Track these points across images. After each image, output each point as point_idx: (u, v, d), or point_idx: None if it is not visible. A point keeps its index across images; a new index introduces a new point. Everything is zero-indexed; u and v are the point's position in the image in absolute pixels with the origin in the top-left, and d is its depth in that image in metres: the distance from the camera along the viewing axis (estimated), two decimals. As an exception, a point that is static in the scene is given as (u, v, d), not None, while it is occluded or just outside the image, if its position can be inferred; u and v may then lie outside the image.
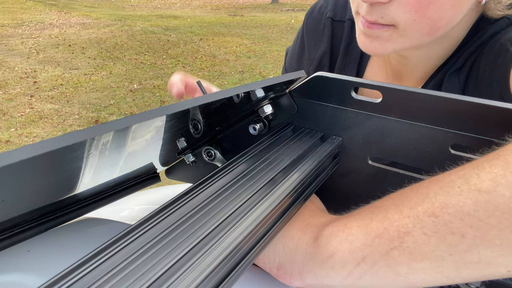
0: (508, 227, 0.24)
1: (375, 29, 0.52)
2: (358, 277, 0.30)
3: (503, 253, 0.24)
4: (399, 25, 0.50)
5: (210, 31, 7.73)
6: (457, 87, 0.59)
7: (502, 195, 0.24)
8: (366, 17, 0.52)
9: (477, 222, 0.25)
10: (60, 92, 4.33)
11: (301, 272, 0.33)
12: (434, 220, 0.26)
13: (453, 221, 0.25)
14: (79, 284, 0.22)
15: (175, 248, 0.25)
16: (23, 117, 3.64)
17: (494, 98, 0.53)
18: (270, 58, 5.77)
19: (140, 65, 5.37)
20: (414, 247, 0.27)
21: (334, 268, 0.31)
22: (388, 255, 0.28)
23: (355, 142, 0.42)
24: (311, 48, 0.79)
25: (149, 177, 0.52)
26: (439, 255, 0.26)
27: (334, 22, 0.75)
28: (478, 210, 0.25)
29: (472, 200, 0.25)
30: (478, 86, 0.57)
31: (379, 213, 0.30)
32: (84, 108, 3.92)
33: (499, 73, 0.52)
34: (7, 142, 3.16)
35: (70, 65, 5.31)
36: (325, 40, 0.75)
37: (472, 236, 0.25)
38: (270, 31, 7.92)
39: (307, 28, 0.79)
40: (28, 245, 0.37)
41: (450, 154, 0.36)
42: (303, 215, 0.37)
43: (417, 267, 0.27)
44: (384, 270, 0.28)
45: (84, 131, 0.20)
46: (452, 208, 0.26)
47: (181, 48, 6.33)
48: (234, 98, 0.42)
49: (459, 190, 0.26)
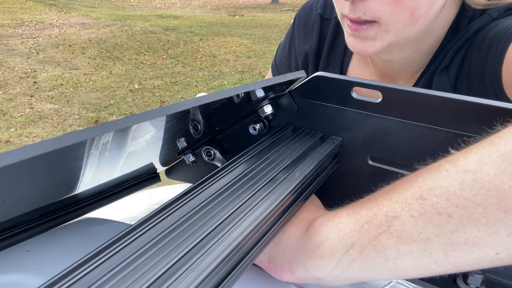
0: (493, 205, 0.24)
1: (361, 30, 0.55)
2: (347, 265, 0.30)
3: (490, 232, 0.24)
4: (381, 20, 0.53)
5: (210, 31, 7.73)
6: (448, 85, 0.60)
7: (487, 173, 0.24)
8: (350, 15, 0.54)
9: (463, 201, 0.25)
10: (60, 92, 4.33)
11: (290, 264, 0.33)
12: (422, 203, 0.26)
13: (440, 202, 0.26)
14: (79, 284, 0.22)
15: (175, 248, 0.25)
16: (23, 117, 3.64)
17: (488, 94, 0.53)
18: (270, 58, 5.77)
19: (140, 65, 5.37)
20: (402, 229, 0.27)
21: (323, 257, 0.31)
22: (376, 239, 0.28)
23: (355, 142, 0.42)
24: (300, 42, 0.81)
25: (149, 177, 0.52)
26: (426, 237, 0.26)
27: (323, 20, 0.77)
28: (464, 190, 0.25)
29: (458, 181, 0.25)
30: (471, 83, 0.58)
31: (369, 202, 0.31)
32: (84, 108, 3.92)
33: (490, 69, 0.53)
34: (7, 142, 3.16)
35: (70, 65, 5.31)
36: (314, 36, 0.78)
37: (458, 216, 0.25)
38: (270, 31, 7.92)
39: (298, 23, 0.82)
40: (28, 245, 0.37)
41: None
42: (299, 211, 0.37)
43: (405, 251, 0.27)
44: (372, 256, 0.28)
45: (84, 131, 0.20)
46: (439, 189, 0.26)
47: (181, 48, 6.33)
48: (234, 98, 0.42)
49: (446, 172, 0.26)
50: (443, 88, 0.60)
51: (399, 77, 0.69)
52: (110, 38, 6.87)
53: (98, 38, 6.84)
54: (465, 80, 0.59)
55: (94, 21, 8.65)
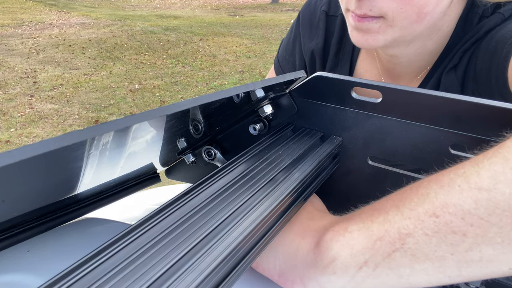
0: (509, 225, 0.24)
1: (365, 22, 0.54)
2: (361, 281, 0.30)
3: (504, 250, 0.24)
4: (387, 15, 0.52)
5: (210, 31, 7.73)
6: (456, 84, 0.60)
7: (502, 193, 0.24)
8: (356, 12, 0.53)
9: (478, 220, 0.25)
10: (60, 92, 4.33)
11: (303, 279, 0.33)
12: (435, 220, 0.26)
13: (454, 221, 0.25)
14: (79, 284, 0.22)
15: (175, 248, 0.25)
16: (23, 117, 3.64)
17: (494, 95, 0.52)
18: (270, 58, 5.77)
19: (140, 65, 5.37)
20: (416, 248, 0.27)
21: (336, 273, 0.30)
22: (390, 257, 0.28)
23: (355, 142, 0.42)
24: (306, 40, 0.80)
25: (149, 177, 0.52)
26: (441, 255, 0.26)
27: (328, 17, 0.76)
28: (478, 209, 0.25)
29: (472, 199, 0.25)
30: (477, 83, 0.57)
31: (380, 215, 0.30)
32: (84, 108, 3.92)
33: (496, 71, 0.53)
34: (7, 142, 3.16)
35: (70, 65, 5.30)
36: (320, 33, 0.77)
37: (473, 235, 0.25)
38: (270, 31, 7.92)
39: (303, 20, 0.80)
40: (28, 245, 0.37)
41: (450, 154, 0.36)
42: (302, 218, 0.37)
43: (419, 268, 0.27)
44: (386, 273, 0.28)
45: (84, 131, 0.20)
46: (453, 207, 0.26)
47: (181, 48, 6.33)
48: (234, 98, 0.42)
49: (459, 189, 0.26)
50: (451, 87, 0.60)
51: (405, 73, 0.68)
52: (110, 38, 6.87)
53: (98, 38, 6.84)
54: (471, 80, 0.58)
55: (94, 21, 8.65)
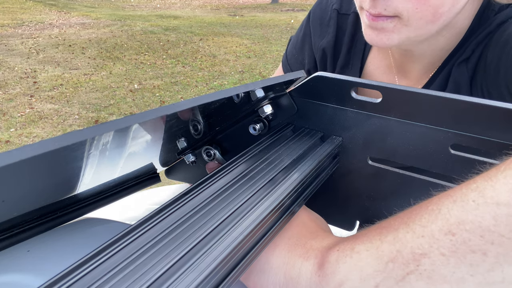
0: None
1: (380, 21, 0.53)
2: None
3: None
4: (402, 15, 0.52)
5: (210, 31, 7.73)
6: (466, 76, 0.59)
7: None
8: (370, 11, 0.53)
9: (498, 238, 0.22)
10: (60, 92, 4.33)
11: None
12: (452, 239, 0.24)
13: (473, 239, 0.23)
14: (79, 284, 0.22)
15: (175, 248, 0.25)
16: (23, 117, 3.64)
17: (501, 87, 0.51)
18: (270, 58, 5.77)
19: (140, 65, 5.37)
20: (432, 269, 0.24)
21: None
22: (404, 280, 0.25)
23: (355, 142, 0.42)
24: (316, 38, 0.79)
25: (149, 177, 0.52)
26: (460, 277, 0.24)
27: (339, 15, 0.75)
28: (498, 225, 0.22)
29: (491, 215, 0.23)
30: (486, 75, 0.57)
31: (388, 234, 0.27)
32: (84, 108, 3.92)
33: (506, 62, 0.53)
34: (7, 142, 3.16)
35: (70, 65, 5.30)
36: (330, 31, 0.76)
37: (494, 254, 0.23)
38: (270, 31, 7.92)
39: (314, 18, 0.79)
40: (28, 245, 0.37)
41: (450, 154, 0.36)
42: (304, 238, 0.34)
43: None
44: None
45: (84, 131, 0.20)
46: (470, 224, 0.23)
47: (181, 48, 6.33)
48: (234, 98, 0.42)
49: (474, 204, 0.24)
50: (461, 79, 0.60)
51: (417, 67, 0.68)
52: (110, 38, 6.87)
53: (98, 38, 6.84)
54: (481, 72, 0.58)
55: (94, 21, 8.65)
